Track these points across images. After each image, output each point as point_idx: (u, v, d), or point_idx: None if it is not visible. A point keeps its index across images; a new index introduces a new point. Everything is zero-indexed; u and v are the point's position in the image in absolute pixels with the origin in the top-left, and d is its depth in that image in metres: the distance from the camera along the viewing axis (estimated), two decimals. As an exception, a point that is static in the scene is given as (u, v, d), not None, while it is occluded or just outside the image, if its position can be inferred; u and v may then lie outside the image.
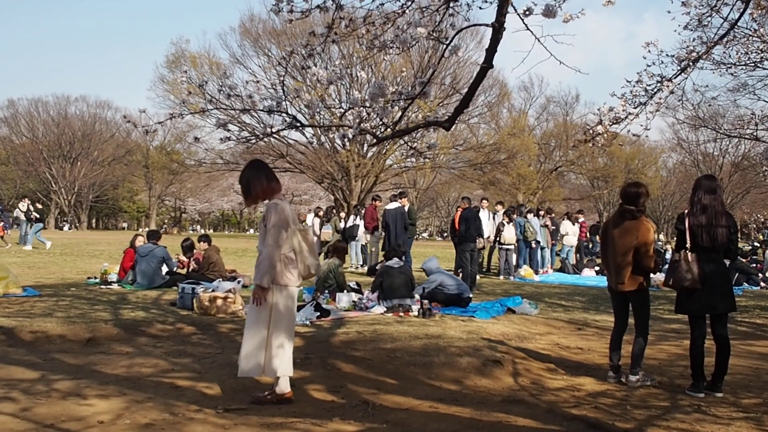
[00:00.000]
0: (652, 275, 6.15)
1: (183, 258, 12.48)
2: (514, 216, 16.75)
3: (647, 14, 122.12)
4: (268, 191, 4.95)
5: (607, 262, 6.03)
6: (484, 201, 17.83)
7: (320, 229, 17.55)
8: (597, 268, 18.20)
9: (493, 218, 17.23)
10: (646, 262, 5.71)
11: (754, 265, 17.37)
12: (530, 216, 17.80)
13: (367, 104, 5.52)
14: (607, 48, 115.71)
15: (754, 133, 21.16)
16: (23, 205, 23.17)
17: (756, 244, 27.41)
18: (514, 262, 16.69)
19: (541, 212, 19.21)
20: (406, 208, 15.10)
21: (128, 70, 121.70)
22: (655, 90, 7.73)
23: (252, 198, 5.01)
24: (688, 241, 5.48)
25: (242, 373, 4.87)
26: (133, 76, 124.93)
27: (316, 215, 18.61)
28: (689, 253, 5.43)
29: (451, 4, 5.36)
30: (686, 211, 5.61)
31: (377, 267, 11.99)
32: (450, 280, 9.92)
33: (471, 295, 10.10)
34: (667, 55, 7.84)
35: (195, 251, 12.39)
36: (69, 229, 58.28)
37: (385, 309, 9.09)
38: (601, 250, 6.26)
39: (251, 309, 4.90)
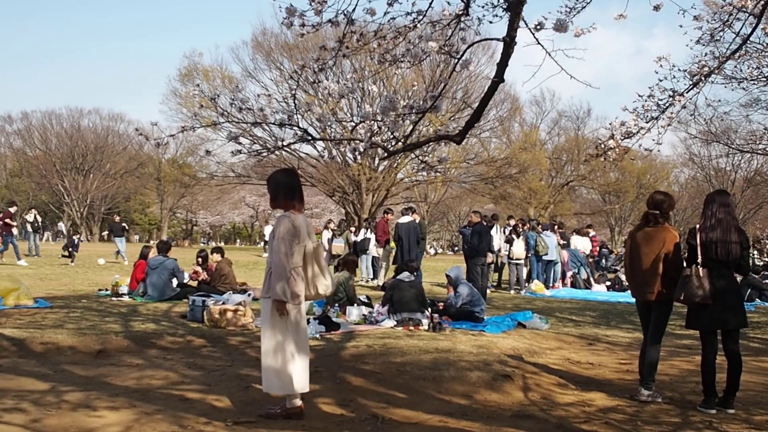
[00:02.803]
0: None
1: (198, 269, 12.51)
2: (521, 230, 16.70)
3: (657, 29, 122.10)
4: (274, 205, 5.04)
5: (633, 271, 5.93)
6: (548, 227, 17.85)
7: (331, 243, 17.59)
8: (608, 283, 18.10)
9: (504, 232, 17.21)
10: (674, 272, 5.62)
11: (767, 281, 17.19)
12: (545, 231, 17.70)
13: (379, 118, 5.54)
14: (618, 63, 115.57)
15: (767, 149, 21.04)
16: (30, 215, 23.25)
17: (768, 259, 27.17)
18: (524, 277, 16.64)
19: (554, 225, 19.16)
20: (417, 222, 15.10)
21: (141, 83, 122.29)
22: (667, 104, 7.69)
23: (270, 202, 5.11)
24: (700, 257, 5.44)
25: (266, 388, 4.88)
26: (146, 89, 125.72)
27: (326, 228, 18.65)
28: (700, 269, 5.38)
29: (462, 19, 5.39)
30: (698, 226, 5.57)
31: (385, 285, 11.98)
32: (475, 295, 9.92)
33: (485, 307, 10.05)
34: (678, 69, 7.81)
35: (208, 262, 12.45)
36: (81, 241, 58.48)
37: (395, 323, 9.07)
38: (626, 259, 6.20)
39: (263, 325, 4.88)
